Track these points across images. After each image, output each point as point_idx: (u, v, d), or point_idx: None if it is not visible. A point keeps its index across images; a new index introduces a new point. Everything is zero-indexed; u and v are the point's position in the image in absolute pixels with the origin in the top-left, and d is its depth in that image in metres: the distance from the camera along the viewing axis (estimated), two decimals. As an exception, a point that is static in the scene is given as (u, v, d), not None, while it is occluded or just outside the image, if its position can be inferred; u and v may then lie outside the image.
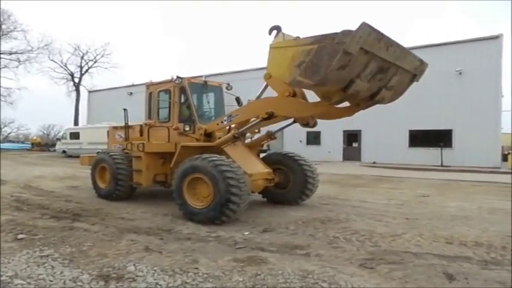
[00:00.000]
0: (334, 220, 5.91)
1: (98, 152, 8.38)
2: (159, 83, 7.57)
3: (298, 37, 5.11)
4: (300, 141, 24.72)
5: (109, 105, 33.89)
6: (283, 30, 5.61)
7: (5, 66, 41.04)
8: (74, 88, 46.85)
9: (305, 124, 6.27)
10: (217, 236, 4.84)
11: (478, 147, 19.12)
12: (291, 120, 6.38)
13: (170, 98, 7.22)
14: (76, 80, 46.91)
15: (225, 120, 6.37)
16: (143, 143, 6.96)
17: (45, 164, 19.89)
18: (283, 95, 5.64)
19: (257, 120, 6.07)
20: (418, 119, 20.89)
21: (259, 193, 7.30)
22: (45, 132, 69.57)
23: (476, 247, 4.47)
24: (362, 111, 5.45)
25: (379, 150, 21.99)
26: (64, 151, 28.61)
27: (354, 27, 3.86)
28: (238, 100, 7.46)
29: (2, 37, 39.48)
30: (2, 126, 59.29)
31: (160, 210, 6.57)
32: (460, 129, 19.90)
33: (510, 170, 16.54)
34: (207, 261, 3.82)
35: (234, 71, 26.96)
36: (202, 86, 7.65)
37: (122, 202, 7.35)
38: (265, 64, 5.18)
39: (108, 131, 9.58)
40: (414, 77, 5.05)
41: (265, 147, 7.90)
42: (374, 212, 6.62)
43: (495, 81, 19.07)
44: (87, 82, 47.88)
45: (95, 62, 46.97)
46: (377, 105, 5.17)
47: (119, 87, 36.26)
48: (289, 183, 7.16)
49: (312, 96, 5.39)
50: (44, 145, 45.00)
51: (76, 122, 42.81)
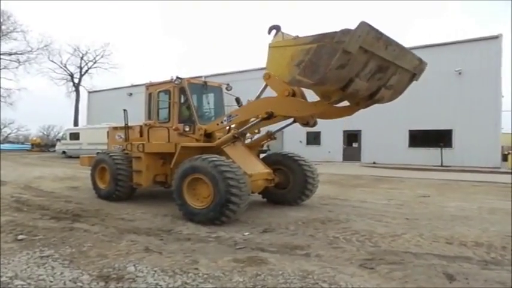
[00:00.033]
0: (334, 220, 5.90)
1: (98, 153, 8.38)
2: (159, 84, 7.57)
3: (297, 36, 5.09)
4: (300, 141, 24.74)
5: (109, 105, 33.92)
6: (283, 30, 5.60)
7: (5, 67, 41.15)
8: (74, 89, 46.91)
9: (305, 124, 6.27)
10: (217, 237, 4.83)
11: (478, 147, 19.13)
12: (291, 120, 6.39)
13: (170, 99, 7.22)
14: (76, 81, 47.02)
15: (225, 120, 6.37)
16: (143, 144, 6.96)
17: (45, 165, 19.89)
18: (282, 95, 5.64)
19: (257, 120, 6.08)
20: (418, 119, 20.90)
21: (259, 193, 7.30)
22: (45, 132, 69.70)
23: (476, 247, 4.47)
24: (362, 111, 5.45)
25: (379, 150, 22.00)
26: (64, 152, 28.65)
27: (354, 26, 3.86)
28: (238, 100, 7.45)
29: (2, 38, 39.55)
30: (2, 127, 59.38)
31: (160, 210, 6.56)
32: (460, 129, 19.91)
33: (510, 170, 16.54)
34: (207, 261, 3.82)
35: (234, 72, 26.98)
36: (202, 87, 7.65)
37: (122, 203, 7.35)
38: (265, 64, 5.18)
39: (108, 132, 9.57)
40: (413, 76, 5.05)
41: (265, 147, 7.90)
42: (374, 213, 6.62)
43: (495, 81, 19.09)
44: (86, 83, 48.00)
45: (95, 63, 47.11)
46: (377, 105, 5.18)
47: (119, 87, 36.30)
48: (289, 183, 7.15)
49: (312, 95, 5.40)
50: (44, 146, 45.04)
51: (76, 123, 42.81)
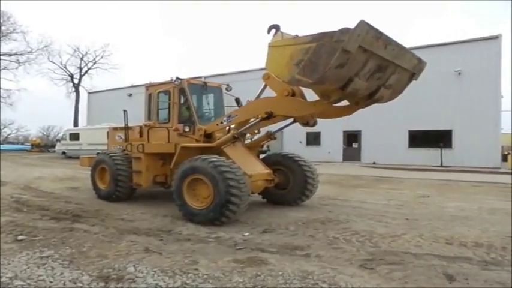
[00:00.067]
0: (334, 221, 5.90)
1: (98, 153, 8.38)
2: (159, 84, 7.57)
3: (296, 35, 5.08)
4: (300, 141, 24.74)
5: (109, 106, 33.92)
6: (282, 29, 5.59)
7: (5, 67, 41.17)
8: (74, 89, 46.95)
9: (305, 123, 6.27)
10: (217, 237, 4.83)
11: (478, 147, 19.13)
12: (291, 120, 6.38)
13: (170, 99, 7.22)
14: (76, 81, 47.06)
15: (225, 120, 6.37)
16: (143, 144, 6.96)
17: (45, 165, 19.89)
18: (282, 95, 5.65)
19: (256, 120, 6.08)
20: (418, 120, 20.91)
21: (259, 194, 7.30)
22: (44, 133, 69.78)
23: (476, 248, 4.47)
24: (362, 111, 5.45)
25: (379, 150, 22.01)
26: (64, 152, 28.66)
27: (353, 26, 3.86)
28: (238, 101, 7.45)
29: (2, 38, 39.57)
30: (2, 127, 59.43)
31: (160, 211, 6.56)
32: (460, 129, 19.91)
33: (510, 171, 16.54)
34: (207, 262, 3.82)
35: (234, 72, 26.98)
36: (201, 87, 7.66)
37: (122, 203, 7.34)
38: (264, 65, 5.17)
39: (107, 132, 9.58)
40: (413, 76, 5.05)
41: (265, 148, 7.90)
42: (374, 213, 6.62)
43: (494, 81, 19.09)
44: (86, 83, 48.05)
45: (95, 63, 47.15)
46: (377, 105, 5.18)
47: (119, 88, 36.31)
48: (289, 184, 7.15)
49: (311, 95, 5.40)
50: (44, 146, 45.04)
51: (76, 123, 42.83)
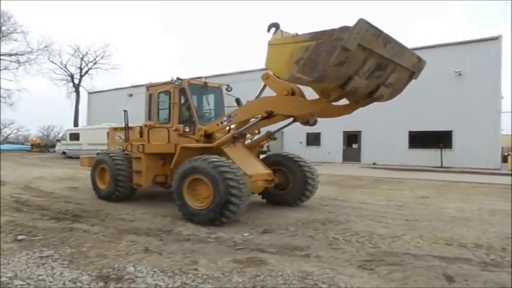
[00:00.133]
0: (334, 221, 5.90)
1: (98, 153, 8.39)
2: (159, 85, 7.58)
3: (296, 34, 5.07)
4: (300, 142, 24.74)
5: (109, 106, 33.95)
6: (283, 28, 5.59)
7: (5, 67, 41.16)
8: (74, 89, 46.92)
9: (305, 122, 6.26)
10: (217, 237, 4.84)
11: (478, 148, 19.12)
12: (291, 119, 6.38)
13: (170, 99, 7.23)
14: (76, 81, 47.02)
15: (225, 120, 6.38)
16: (143, 144, 6.96)
17: (45, 165, 19.89)
18: (281, 94, 5.66)
19: (257, 119, 6.07)
20: (418, 120, 20.90)
21: (259, 194, 7.30)
22: (45, 133, 69.79)
23: (476, 249, 4.47)
24: (362, 112, 5.46)
25: (379, 151, 22.00)
26: (64, 152, 28.66)
27: (353, 24, 3.86)
28: (238, 101, 7.45)
29: (2, 39, 39.56)
30: (2, 127, 59.41)
31: (160, 211, 6.56)
32: (460, 130, 19.91)
33: (510, 172, 16.54)
34: (207, 262, 3.82)
35: (234, 72, 26.98)
36: (202, 87, 7.66)
37: (122, 203, 7.35)
38: (264, 63, 5.16)
39: (108, 132, 9.59)
40: (412, 75, 5.05)
41: (265, 148, 7.90)
42: (374, 213, 6.62)
43: (495, 82, 19.09)
44: (87, 83, 48.01)
45: (95, 64, 47.10)
46: (377, 106, 5.20)
47: (119, 88, 36.31)
48: (289, 184, 7.15)
49: (311, 94, 5.40)
50: (44, 146, 45.02)
51: (76, 123, 42.82)
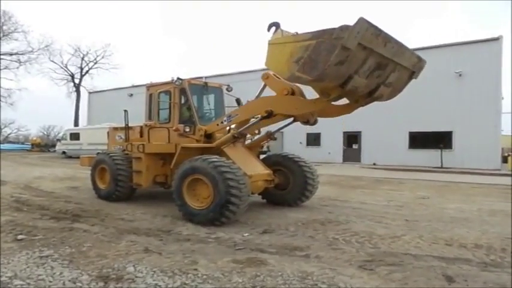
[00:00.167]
0: (333, 222, 5.91)
1: (98, 153, 8.39)
2: (160, 84, 7.58)
3: (296, 33, 5.07)
4: (300, 142, 24.74)
5: (109, 106, 33.96)
6: (283, 28, 5.60)
7: (6, 67, 41.17)
8: (74, 89, 46.92)
9: (305, 122, 6.25)
10: (216, 237, 4.84)
11: (478, 149, 19.12)
12: (291, 119, 6.38)
13: (170, 99, 7.23)
14: (76, 81, 47.01)
15: (225, 120, 6.38)
16: (143, 144, 6.96)
17: (45, 165, 19.89)
18: (281, 94, 5.66)
19: (257, 119, 6.07)
20: (418, 121, 20.89)
21: (259, 194, 7.30)
22: (45, 133, 69.84)
23: (475, 249, 4.47)
24: (362, 112, 5.46)
25: (379, 151, 22.00)
26: (64, 152, 28.67)
27: (353, 24, 3.86)
28: (238, 102, 7.45)
29: (3, 38, 39.60)
30: (2, 127, 59.47)
31: (160, 211, 6.57)
32: (460, 130, 19.90)
33: (510, 172, 16.53)
34: (207, 262, 3.82)
35: (235, 72, 26.98)
36: (202, 87, 7.66)
37: (122, 203, 7.35)
38: (265, 66, 5.17)
39: (108, 132, 9.59)
40: (412, 74, 5.05)
41: (265, 148, 7.90)
42: (374, 214, 6.62)
43: (495, 83, 19.08)
44: (87, 83, 47.98)
45: (95, 63, 47.10)
46: (377, 106, 5.20)
47: (119, 88, 36.31)
48: (289, 184, 7.16)
49: (311, 94, 5.40)
50: (44, 146, 45.06)
51: (76, 123, 42.80)
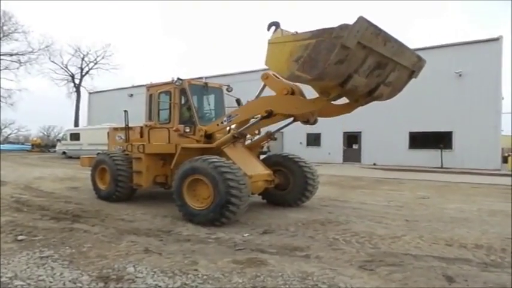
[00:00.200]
0: (334, 222, 5.91)
1: (98, 153, 8.39)
2: (160, 85, 7.58)
3: (296, 32, 5.07)
4: (300, 142, 24.75)
5: (109, 106, 33.97)
6: (283, 28, 5.60)
7: (6, 67, 41.14)
8: (75, 89, 46.92)
9: (306, 121, 6.24)
10: (217, 238, 4.84)
11: (478, 149, 19.12)
12: (291, 119, 6.38)
13: (171, 100, 7.23)
14: (77, 82, 47.01)
15: (225, 120, 6.38)
16: (143, 145, 6.97)
17: (45, 165, 19.89)
18: (281, 94, 5.66)
19: (257, 119, 6.07)
20: (418, 121, 20.89)
21: (259, 194, 7.30)
22: (45, 133, 69.84)
23: (476, 249, 4.47)
24: (362, 112, 5.46)
25: (379, 151, 21.99)
26: (64, 152, 28.67)
27: (352, 23, 3.87)
28: (238, 102, 7.46)
29: (3, 38, 39.59)
30: (2, 127, 59.46)
31: (160, 211, 6.57)
32: (460, 131, 19.90)
33: (510, 172, 16.53)
34: (207, 262, 3.82)
35: (235, 73, 26.98)
36: (202, 88, 7.67)
37: (122, 203, 7.35)
38: (265, 66, 5.18)
39: (108, 132, 9.59)
40: (412, 74, 5.05)
41: (265, 148, 7.90)
42: (374, 214, 6.62)
43: (495, 83, 19.08)
44: (87, 83, 48.04)
45: (96, 64, 47.10)
46: (377, 106, 5.20)
47: (120, 88, 36.32)
48: (289, 184, 7.16)
49: (311, 93, 5.40)
50: (44, 146, 45.03)
51: (76, 123, 42.80)
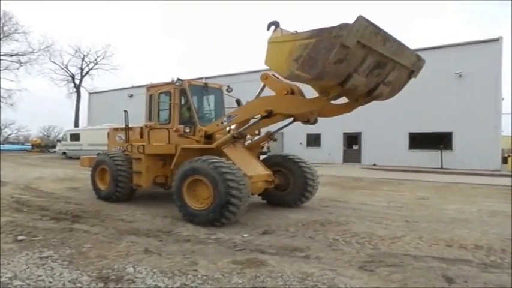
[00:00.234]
0: (334, 222, 5.90)
1: (98, 154, 8.39)
2: (160, 85, 7.59)
3: (295, 32, 5.07)
4: (300, 143, 24.74)
5: (109, 106, 33.97)
6: (282, 27, 5.60)
7: (6, 67, 41.19)
8: (75, 90, 46.96)
9: (306, 121, 6.25)
10: (216, 238, 4.84)
11: (478, 149, 19.11)
12: (291, 119, 6.38)
13: (171, 100, 7.23)
14: (77, 82, 47.06)
15: (225, 121, 6.38)
16: (143, 145, 6.97)
17: (45, 166, 19.89)
18: (281, 93, 5.66)
19: (256, 119, 6.06)
20: (418, 122, 20.89)
21: (259, 195, 7.30)
22: (45, 133, 69.90)
23: (476, 250, 4.47)
24: (362, 113, 5.46)
25: (379, 152, 21.98)
26: (64, 152, 28.67)
27: (352, 22, 3.87)
28: (238, 102, 7.46)
29: (3, 39, 39.62)
30: (2, 127, 59.49)
31: (160, 212, 6.56)
32: (460, 131, 19.89)
33: (510, 173, 16.52)
34: (207, 263, 3.82)
35: (235, 73, 26.99)
36: (202, 88, 7.68)
37: (122, 204, 7.35)
38: (265, 66, 5.18)
39: (108, 133, 9.59)
40: (412, 73, 5.05)
41: (265, 149, 7.90)
42: (374, 215, 6.62)
43: (495, 83, 19.08)
44: (87, 84, 48.15)
45: (96, 64, 47.15)
46: (377, 107, 5.20)
47: (120, 89, 36.33)
48: (289, 185, 7.15)
49: (311, 93, 5.40)
50: (44, 146, 45.05)
51: (76, 124, 42.83)
